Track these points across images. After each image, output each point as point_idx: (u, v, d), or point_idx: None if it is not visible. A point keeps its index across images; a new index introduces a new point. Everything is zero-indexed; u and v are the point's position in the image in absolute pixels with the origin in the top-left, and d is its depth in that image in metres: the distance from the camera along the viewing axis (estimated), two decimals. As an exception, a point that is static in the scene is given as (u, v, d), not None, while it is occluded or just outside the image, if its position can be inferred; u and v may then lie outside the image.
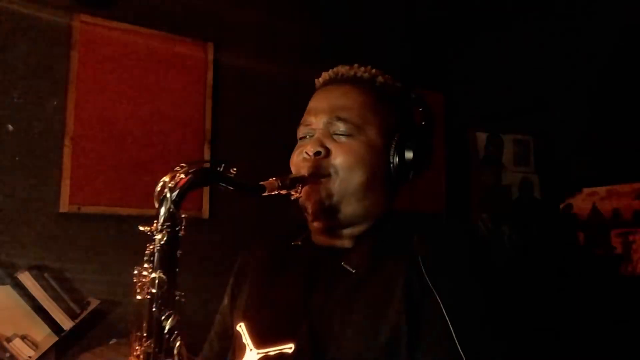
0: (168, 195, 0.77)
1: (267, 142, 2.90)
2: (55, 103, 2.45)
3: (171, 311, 0.78)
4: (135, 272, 0.79)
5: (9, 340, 2.06)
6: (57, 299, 2.23)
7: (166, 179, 0.79)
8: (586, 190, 3.09)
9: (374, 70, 1.10)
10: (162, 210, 0.77)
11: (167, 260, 0.78)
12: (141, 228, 0.77)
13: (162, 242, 0.77)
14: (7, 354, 2.02)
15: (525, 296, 2.76)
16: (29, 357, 2.05)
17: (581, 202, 3.11)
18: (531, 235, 3.29)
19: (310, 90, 1.15)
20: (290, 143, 1.13)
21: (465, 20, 3.56)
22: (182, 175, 0.79)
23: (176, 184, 0.78)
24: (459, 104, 3.61)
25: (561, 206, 3.19)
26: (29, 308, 2.16)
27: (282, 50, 3.11)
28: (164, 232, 0.77)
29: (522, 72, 3.38)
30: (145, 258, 0.78)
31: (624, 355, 2.65)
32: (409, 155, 1.04)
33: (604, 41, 3.02)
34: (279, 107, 2.99)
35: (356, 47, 3.12)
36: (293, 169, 1.05)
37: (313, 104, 1.09)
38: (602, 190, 3.04)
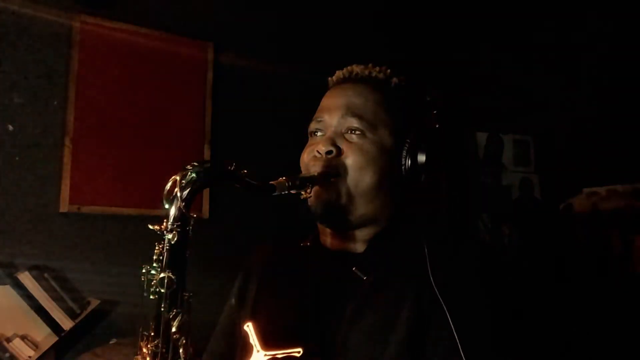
0: (179, 194, 0.76)
1: (267, 142, 2.90)
2: (55, 103, 2.45)
3: (179, 311, 0.77)
4: (144, 270, 0.78)
5: (9, 340, 2.06)
6: (57, 299, 2.23)
7: (177, 177, 0.78)
8: (586, 190, 3.09)
9: (388, 71, 1.09)
10: (173, 210, 0.76)
11: (176, 260, 0.77)
12: (151, 227, 0.76)
13: (172, 242, 0.76)
14: (7, 354, 2.02)
15: (525, 296, 2.76)
16: (29, 357, 2.05)
17: (581, 202, 3.11)
18: (531, 235, 3.29)
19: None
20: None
21: (465, 20, 3.56)
22: (194, 174, 0.77)
23: (187, 182, 0.77)
24: (459, 104, 3.61)
25: (561, 206, 3.19)
26: (29, 308, 2.15)
27: (282, 50, 3.10)
28: (174, 232, 0.76)
29: (522, 72, 3.38)
30: (155, 257, 0.78)
31: (624, 355, 2.65)
32: (421, 158, 1.03)
33: (604, 41, 3.02)
34: (279, 107, 3.00)
35: (356, 46, 3.11)
36: (303, 168, 1.04)
37: (326, 101, 1.08)
38: (602, 190, 3.03)
